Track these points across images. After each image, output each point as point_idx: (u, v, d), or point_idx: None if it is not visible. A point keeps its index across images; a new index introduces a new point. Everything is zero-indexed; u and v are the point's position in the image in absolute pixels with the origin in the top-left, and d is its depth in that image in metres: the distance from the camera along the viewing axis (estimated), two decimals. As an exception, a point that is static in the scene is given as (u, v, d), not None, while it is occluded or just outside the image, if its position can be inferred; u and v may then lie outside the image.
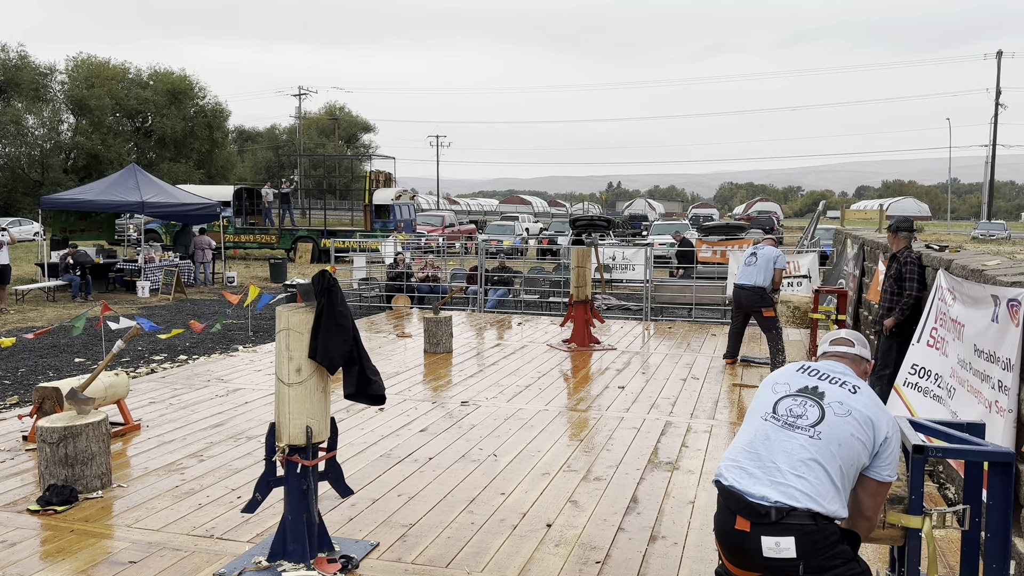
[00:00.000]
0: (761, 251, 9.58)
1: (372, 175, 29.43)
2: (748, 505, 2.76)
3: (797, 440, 2.83)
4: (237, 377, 8.94)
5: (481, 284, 15.01)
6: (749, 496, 2.77)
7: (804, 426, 2.85)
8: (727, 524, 2.83)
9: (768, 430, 2.90)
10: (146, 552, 4.44)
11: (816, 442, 2.80)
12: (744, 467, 2.86)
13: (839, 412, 2.85)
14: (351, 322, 4.25)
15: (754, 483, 2.80)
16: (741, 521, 2.78)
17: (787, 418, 2.90)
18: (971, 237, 48.09)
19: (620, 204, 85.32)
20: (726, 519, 2.84)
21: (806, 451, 2.79)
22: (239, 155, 66.21)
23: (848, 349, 3.15)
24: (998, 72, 54.13)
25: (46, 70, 49.08)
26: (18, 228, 33.66)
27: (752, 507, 2.75)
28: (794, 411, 2.91)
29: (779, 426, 2.89)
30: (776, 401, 2.97)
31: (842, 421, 2.83)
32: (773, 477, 2.78)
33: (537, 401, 7.97)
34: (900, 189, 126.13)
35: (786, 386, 3.01)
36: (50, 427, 5.22)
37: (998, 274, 4.76)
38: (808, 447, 2.80)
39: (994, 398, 4.42)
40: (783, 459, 2.80)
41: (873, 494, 2.89)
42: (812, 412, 2.88)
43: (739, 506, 2.79)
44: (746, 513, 2.76)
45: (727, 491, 2.85)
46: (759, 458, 2.85)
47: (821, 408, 2.88)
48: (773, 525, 2.71)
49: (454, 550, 4.52)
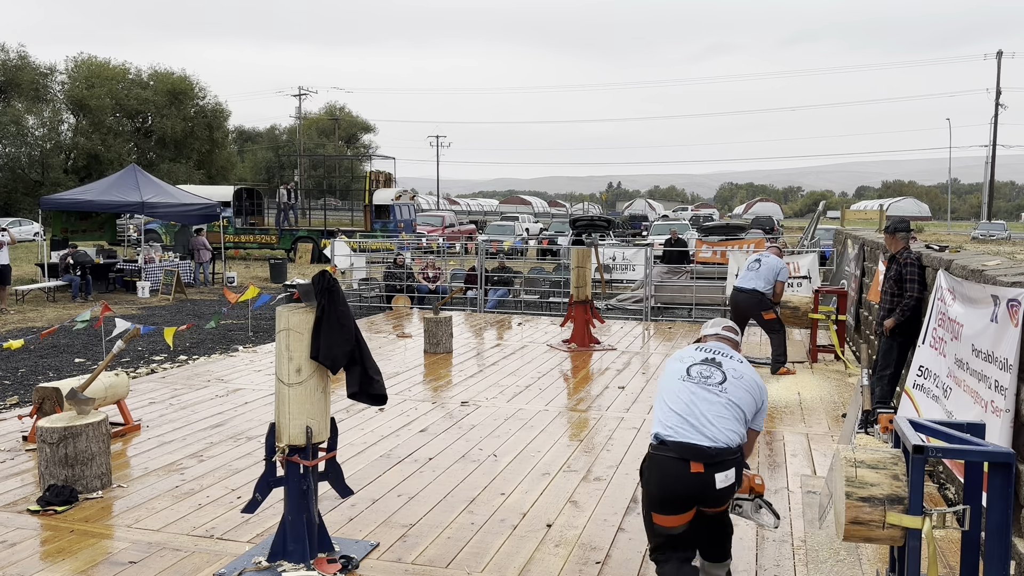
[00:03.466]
0: (766, 259, 9.57)
1: (372, 175, 29.42)
2: (701, 451, 3.46)
3: (712, 395, 3.60)
4: (237, 377, 8.94)
5: (481, 285, 15.01)
6: (699, 444, 3.47)
7: (714, 384, 3.64)
8: (680, 474, 3.46)
9: (689, 389, 3.63)
10: (146, 552, 4.44)
11: (725, 396, 3.60)
12: (684, 424, 3.53)
13: (734, 376, 3.68)
14: (352, 322, 4.25)
15: (696, 434, 3.49)
16: (696, 465, 3.45)
17: (699, 379, 3.65)
18: (971, 237, 48.10)
19: (620, 204, 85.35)
20: (678, 470, 3.47)
21: (721, 404, 3.57)
22: (239, 155, 66.19)
23: (732, 335, 4.02)
24: (998, 72, 54.16)
25: (46, 70, 49.08)
26: (18, 228, 33.66)
27: (704, 451, 3.45)
28: (703, 373, 3.68)
29: (695, 385, 3.63)
30: (687, 368, 3.72)
31: (739, 382, 3.67)
32: (707, 427, 3.51)
33: (537, 401, 7.97)
34: (900, 189, 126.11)
35: (691, 358, 3.78)
36: (50, 427, 5.22)
37: (998, 274, 4.76)
38: (721, 400, 3.58)
39: (991, 398, 4.42)
40: (708, 411, 3.55)
41: (752, 440, 3.81)
42: (717, 375, 3.67)
43: (692, 454, 3.46)
44: (699, 458, 3.45)
45: (680, 445, 3.49)
46: (691, 415, 3.54)
47: (723, 372, 3.68)
48: (720, 463, 3.47)
49: (454, 550, 4.52)
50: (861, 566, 4.34)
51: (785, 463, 6.09)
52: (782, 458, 6.21)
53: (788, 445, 6.55)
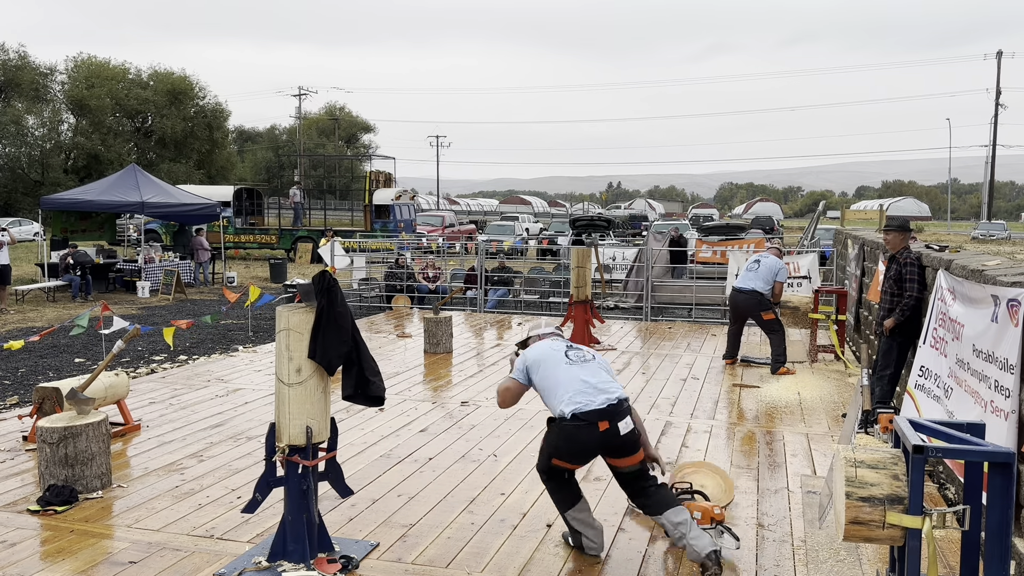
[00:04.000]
0: (765, 259, 9.59)
1: (372, 175, 29.42)
2: (606, 410, 4.20)
3: (594, 366, 4.41)
4: (237, 377, 8.94)
5: (481, 285, 15.01)
6: (603, 407, 4.20)
7: (589, 360, 4.44)
8: (591, 435, 4.19)
9: (576, 368, 4.36)
10: (146, 552, 4.44)
11: (600, 365, 4.45)
12: (587, 395, 4.24)
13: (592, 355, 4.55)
14: (351, 322, 4.25)
15: (600, 398, 4.24)
16: (603, 424, 4.19)
17: (578, 360, 4.42)
18: (971, 237, 48.10)
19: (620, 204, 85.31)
20: (588, 432, 4.19)
21: (603, 369, 4.42)
22: (239, 155, 66.16)
23: (559, 331, 4.84)
24: (998, 72, 54.16)
25: (46, 70, 49.03)
26: (18, 228, 33.65)
27: (609, 410, 4.21)
28: (577, 354, 4.46)
29: (579, 364, 4.39)
30: (563, 353, 4.44)
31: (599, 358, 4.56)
32: (604, 390, 4.27)
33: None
34: (900, 189, 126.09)
35: (558, 349, 4.49)
36: (50, 427, 5.22)
37: (998, 274, 4.76)
38: (601, 366, 4.44)
39: (991, 398, 4.42)
40: (598, 378, 4.33)
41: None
42: (586, 354, 4.49)
43: (600, 416, 4.19)
44: (606, 416, 4.19)
45: (592, 411, 4.18)
46: (588, 385, 4.28)
47: (582, 351, 4.51)
48: (619, 413, 4.23)
49: (454, 550, 4.52)
50: (861, 566, 4.34)
51: (785, 463, 6.09)
52: (782, 458, 6.21)
53: (788, 445, 6.55)
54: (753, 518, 5.02)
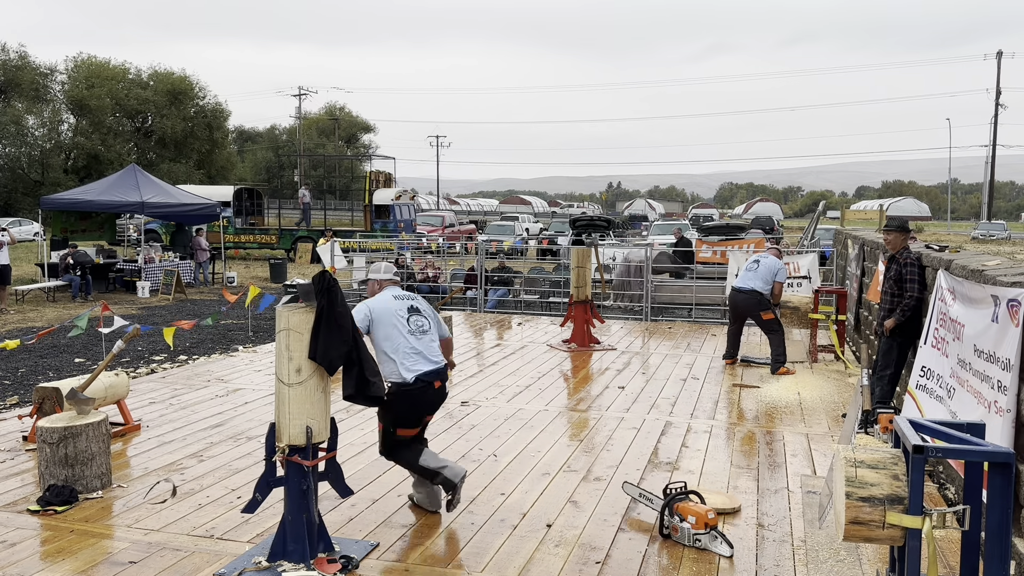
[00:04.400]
0: (764, 259, 9.61)
1: (372, 175, 29.42)
2: (438, 371, 5.00)
3: (428, 337, 5.09)
4: (237, 377, 8.94)
5: (481, 285, 15.01)
6: (436, 369, 4.98)
7: (426, 330, 5.09)
8: (428, 393, 4.94)
9: (414, 340, 5.00)
10: (146, 552, 4.44)
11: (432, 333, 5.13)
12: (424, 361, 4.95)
13: (426, 312, 5.18)
14: (351, 323, 4.25)
15: (431, 363, 4.98)
16: (437, 383, 4.98)
17: (417, 331, 5.05)
18: (971, 237, 48.10)
19: (620, 204, 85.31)
20: (429, 392, 4.94)
21: (433, 339, 5.13)
22: (239, 155, 66.16)
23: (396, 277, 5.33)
24: (998, 72, 54.16)
25: (46, 70, 49.02)
26: (18, 228, 33.65)
27: (440, 371, 5.01)
28: (417, 323, 5.07)
29: (418, 335, 5.05)
30: (406, 321, 5.03)
31: (430, 314, 5.21)
32: (434, 358, 5.02)
33: (537, 401, 7.97)
34: (900, 189, 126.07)
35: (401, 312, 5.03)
36: (50, 427, 5.22)
37: (998, 274, 4.76)
38: (432, 337, 5.12)
39: (994, 398, 4.42)
40: (430, 348, 5.06)
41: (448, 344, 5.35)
42: (424, 323, 5.10)
43: (435, 377, 4.97)
44: (438, 376, 5.00)
45: (430, 372, 4.93)
46: (421, 353, 4.97)
47: (425, 318, 5.13)
48: (443, 375, 5.06)
49: (454, 550, 4.52)
50: (861, 566, 4.34)
51: (785, 463, 6.09)
52: (782, 458, 6.21)
53: (788, 445, 6.55)
54: (753, 518, 5.02)
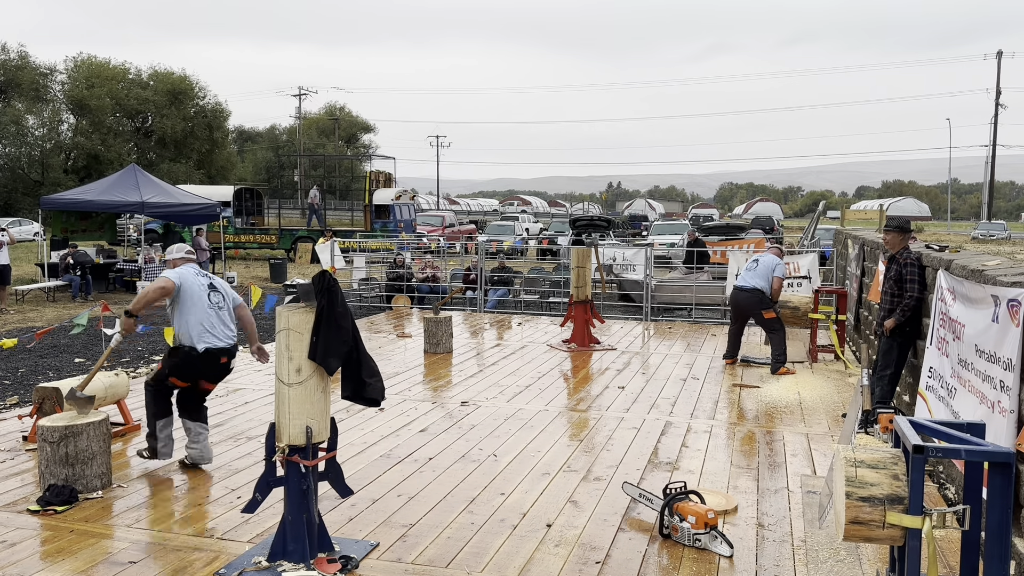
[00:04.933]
0: (763, 258, 9.66)
1: (372, 175, 29.41)
2: (228, 350, 5.77)
3: (224, 314, 5.81)
4: (237, 377, 8.94)
5: (481, 285, 15.01)
6: (226, 347, 5.74)
7: (222, 307, 5.81)
8: (212, 364, 5.70)
9: (213, 314, 5.71)
10: (146, 552, 4.44)
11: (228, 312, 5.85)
12: (215, 336, 5.68)
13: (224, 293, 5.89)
14: (351, 323, 4.25)
15: (223, 341, 5.71)
16: (223, 359, 5.75)
17: (215, 307, 5.75)
18: (971, 237, 48.09)
19: (620, 204, 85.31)
20: (210, 363, 5.68)
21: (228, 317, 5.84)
22: (239, 155, 66.14)
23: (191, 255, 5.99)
24: (998, 72, 54.18)
25: (46, 70, 49.03)
26: (18, 228, 33.65)
27: (229, 349, 5.78)
28: (216, 303, 5.77)
29: (215, 310, 5.75)
30: (206, 297, 5.71)
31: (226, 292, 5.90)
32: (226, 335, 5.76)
33: (537, 401, 7.97)
34: (900, 189, 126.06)
35: (202, 289, 5.71)
36: (50, 427, 5.22)
37: (998, 274, 4.75)
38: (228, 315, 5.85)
39: (996, 398, 4.42)
40: (225, 324, 5.78)
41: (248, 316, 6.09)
42: (221, 300, 5.82)
43: (223, 353, 5.73)
44: (225, 354, 5.76)
45: (219, 349, 5.69)
46: (216, 328, 5.69)
47: (221, 295, 5.85)
48: (230, 350, 5.79)
49: (454, 550, 4.52)
50: (861, 566, 4.34)
51: (785, 463, 6.09)
52: (782, 458, 6.21)
53: (788, 445, 6.55)
54: (753, 518, 5.02)
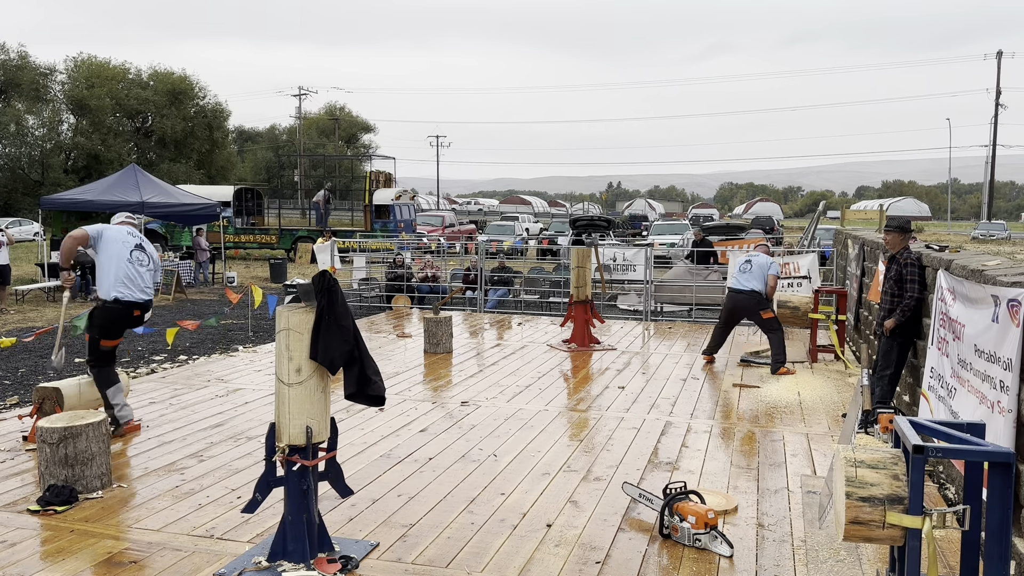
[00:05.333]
0: (756, 259, 9.70)
1: (372, 175, 29.41)
2: (142, 304, 6.35)
3: (145, 270, 6.45)
4: (237, 377, 8.94)
5: (481, 285, 15.00)
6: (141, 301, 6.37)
7: (144, 264, 6.45)
8: (126, 316, 6.30)
9: (132, 268, 6.32)
10: (146, 552, 4.44)
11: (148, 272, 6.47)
12: (130, 288, 6.28)
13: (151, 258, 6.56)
14: (352, 322, 4.25)
15: (137, 295, 6.31)
16: (136, 312, 6.35)
17: (136, 263, 6.37)
18: (971, 237, 48.10)
19: (620, 204, 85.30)
20: (124, 314, 6.30)
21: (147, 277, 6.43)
22: (239, 155, 66.15)
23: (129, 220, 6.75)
24: (998, 72, 54.18)
25: (46, 70, 49.03)
26: (18, 228, 33.66)
27: (144, 303, 6.38)
28: (139, 258, 6.40)
29: (136, 265, 6.37)
30: (128, 253, 6.33)
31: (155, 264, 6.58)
32: (143, 290, 6.39)
33: (537, 401, 7.97)
34: (900, 189, 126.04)
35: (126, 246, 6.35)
36: (50, 427, 5.22)
37: (998, 274, 4.76)
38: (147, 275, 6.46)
39: (996, 398, 4.42)
40: (144, 280, 6.40)
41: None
42: (144, 259, 6.46)
43: (136, 306, 6.30)
44: (140, 308, 6.38)
45: (132, 302, 6.30)
46: (133, 281, 6.33)
47: (147, 257, 6.49)
48: (148, 307, 6.44)
49: (454, 550, 4.52)
50: (861, 566, 4.34)
51: (785, 463, 6.09)
52: (782, 458, 6.21)
53: (788, 445, 6.55)
54: (753, 518, 5.02)
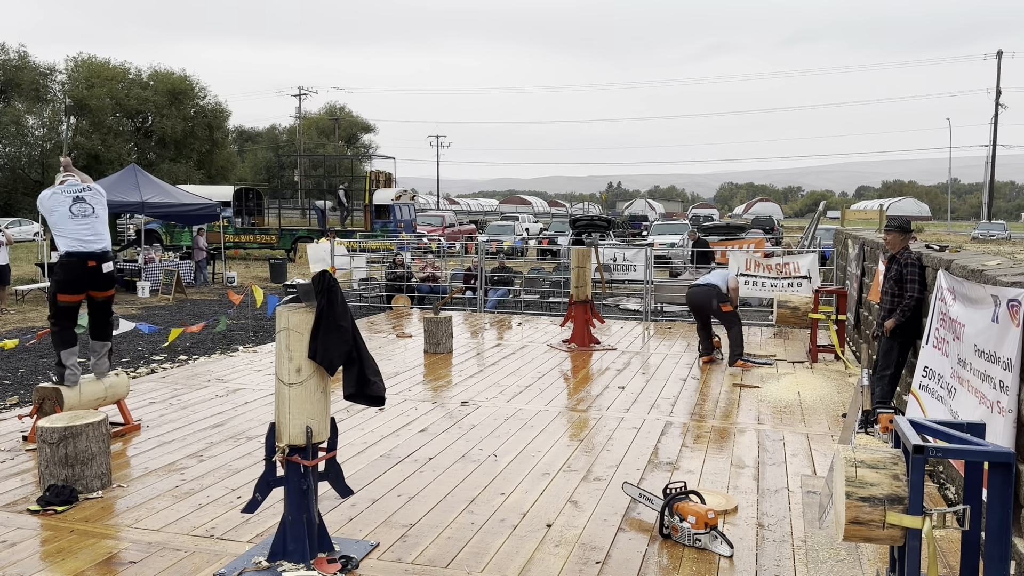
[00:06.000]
0: (719, 269, 10.43)
1: (372, 175, 29.43)
2: (94, 254, 6.18)
3: (91, 219, 6.22)
4: (237, 377, 8.94)
5: (481, 285, 15.01)
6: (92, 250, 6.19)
7: (89, 215, 6.23)
8: (82, 268, 6.15)
9: (75, 222, 6.15)
10: (146, 552, 4.44)
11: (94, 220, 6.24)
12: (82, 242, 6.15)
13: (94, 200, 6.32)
14: (351, 322, 4.25)
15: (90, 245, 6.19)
16: (92, 263, 6.17)
17: (80, 215, 6.19)
18: (971, 237, 48.10)
19: (620, 204, 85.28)
20: (82, 267, 6.14)
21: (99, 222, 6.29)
22: (239, 155, 66.14)
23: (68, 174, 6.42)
24: (998, 72, 54.18)
25: (46, 70, 49.04)
26: (18, 228, 33.67)
27: (97, 254, 6.21)
28: (80, 209, 6.20)
29: (79, 219, 6.17)
30: (69, 207, 6.18)
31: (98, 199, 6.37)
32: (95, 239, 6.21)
33: (537, 401, 7.97)
34: (900, 189, 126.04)
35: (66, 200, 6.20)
36: (50, 427, 5.22)
37: (998, 274, 4.75)
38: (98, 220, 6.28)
39: (996, 398, 4.42)
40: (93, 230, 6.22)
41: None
42: (88, 209, 6.24)
43: (93, 256, 6.18)
44: (93, 258, 6.19)
45: (87, 253, 6.15)
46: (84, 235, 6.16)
47: (90, 205, 6.27)
48: (104, 257, 6.25)
49: (454, 550, 4.52)
50: (861, 566, 4.34)
51: (785, 463, 6.09)
52: (782, 458, 6.21)
53: (788, 445, 6.55)
54: (753, 518, 5.02)
